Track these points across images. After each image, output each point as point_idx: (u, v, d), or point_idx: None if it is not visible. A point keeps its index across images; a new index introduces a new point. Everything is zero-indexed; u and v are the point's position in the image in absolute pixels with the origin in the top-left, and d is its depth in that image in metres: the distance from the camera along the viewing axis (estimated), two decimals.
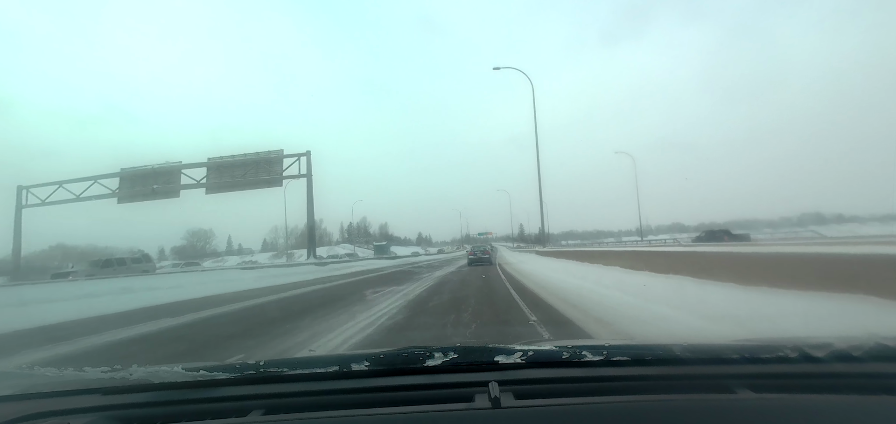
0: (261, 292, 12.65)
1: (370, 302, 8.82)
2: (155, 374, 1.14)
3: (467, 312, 6.83)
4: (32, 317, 8.29)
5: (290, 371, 1.20)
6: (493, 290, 9.96)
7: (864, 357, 1.05)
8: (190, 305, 9.81)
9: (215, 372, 1.17)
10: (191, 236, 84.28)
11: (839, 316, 3.79)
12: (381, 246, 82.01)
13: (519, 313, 6.61)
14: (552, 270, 13.61)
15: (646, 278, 7.96)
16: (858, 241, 13.66)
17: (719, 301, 5.18)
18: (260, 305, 9.53)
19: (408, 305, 8.06)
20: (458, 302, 8.00)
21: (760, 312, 4.54)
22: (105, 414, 1.07)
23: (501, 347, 1.18)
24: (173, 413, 1.06)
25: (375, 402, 1.03)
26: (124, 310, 9.20)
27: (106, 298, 11.84)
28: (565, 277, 10.91)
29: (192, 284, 15.97)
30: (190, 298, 11.38)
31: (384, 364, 1.19)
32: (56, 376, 1.24)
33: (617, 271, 9.81)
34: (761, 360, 1.09)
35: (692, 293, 5.87)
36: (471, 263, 23.63)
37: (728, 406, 0.93)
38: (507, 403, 0.94)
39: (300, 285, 14.92)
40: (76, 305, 10.20)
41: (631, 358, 1.16)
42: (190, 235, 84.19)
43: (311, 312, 7.66)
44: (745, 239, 22.49)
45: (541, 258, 21.11)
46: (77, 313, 8.84)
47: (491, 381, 1.00)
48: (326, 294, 11.25)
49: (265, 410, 1.03)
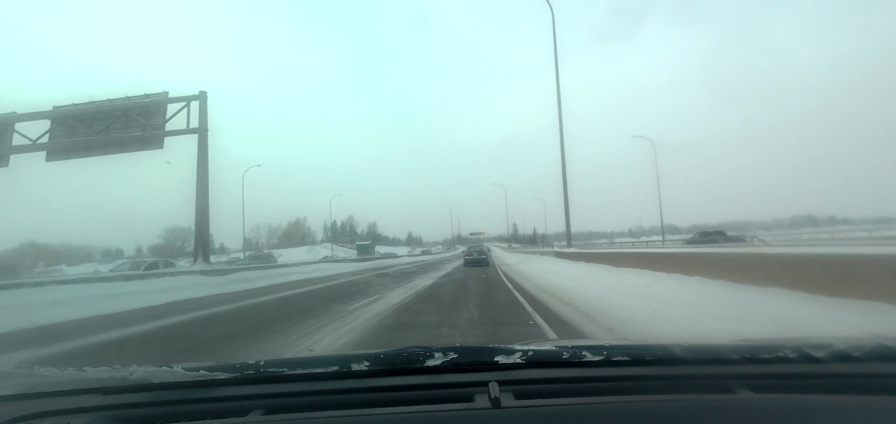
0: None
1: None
2: (155, 374, 1.13)
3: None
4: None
5: (290, 371, 1.20)
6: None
7: (865, 357, 1.05)
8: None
9: (215, 372, 1.17)
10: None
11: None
12: (364, 246, 75.36)
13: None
14: (617, 292, 7.57)
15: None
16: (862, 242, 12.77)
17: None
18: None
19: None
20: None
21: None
22: (105, 414, 1.06)
23: (501, 347, 1.18)
24: (173, 413, 1.06)
25: (375, 402, 1.03)
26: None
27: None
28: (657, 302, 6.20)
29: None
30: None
31: (384, 364, 1.19)
32: (56, 376, 1.23)
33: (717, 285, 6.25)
34: (761, 360, 1.09)
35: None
36: (467, 264, 23.35)
37: (728, 407, 0.94)
38: (507, 403, 0.94)
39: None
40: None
41: (631, 358, 1.16)
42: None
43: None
44: (740, 240, 22.43)
45: (568, 263, 15.01)
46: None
47: (491, 381, 1.00)
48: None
49: (265, 410, 1.03)
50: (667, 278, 7.78)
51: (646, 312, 5.83)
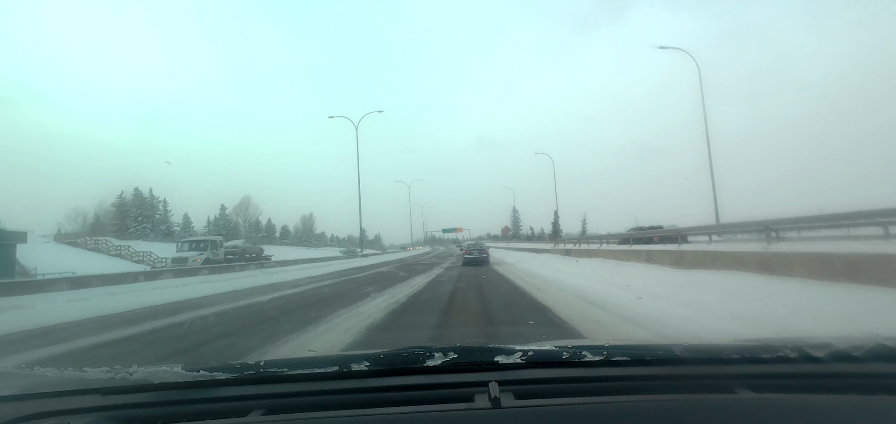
0: None
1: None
2: (155, 374, 1.14)
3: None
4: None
5: (290, 372, 1.20)
6: None
7: (865, 357, 1.05)
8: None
9: (215, 372, 1.17)
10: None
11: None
12: (352, 249, 52.02)
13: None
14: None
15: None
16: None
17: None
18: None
19: None
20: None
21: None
22: (105, 414, 1.07)
23: (501, 347, 1.18)
24: (173, 414, 1.06)
25: (375, 402, 1.03)
26: None
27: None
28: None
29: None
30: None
31: (384, 364, 1.19)
32: (56, 376, 1.24)
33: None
34: (761, 360, 1.09)
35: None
36: (466, 263, 20.28)
37: (728, 406, 0.94)
38: (508, 403, 0.94)
39: None
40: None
41: (631, 358, 1.17)
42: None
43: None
44: (673, 239, 20.41)
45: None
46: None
47: (491, 381, 1.00)
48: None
49: (265, 410, 1.03)
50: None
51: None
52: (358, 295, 9.64)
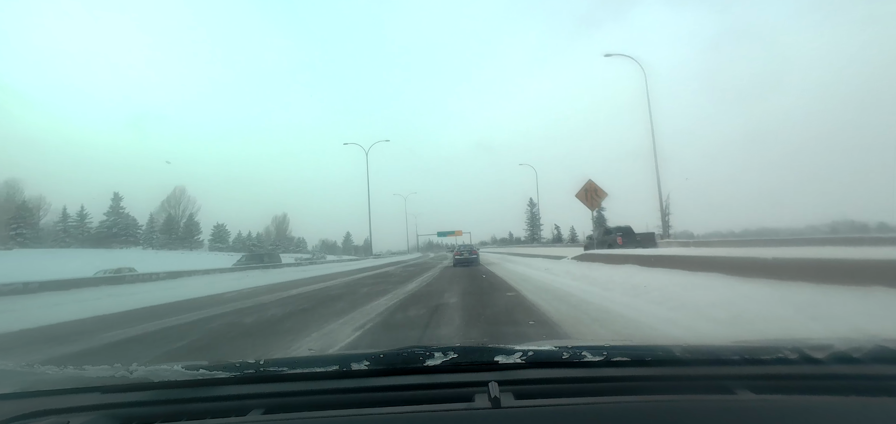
0: None
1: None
2: (155, 373, 1.14)
3: None
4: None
5: (290, 371, 1.20)
6: None
7: (864, 358, 1.05)
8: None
9: (215, 371, 1.17)
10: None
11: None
12: (259, 255, 38.25)
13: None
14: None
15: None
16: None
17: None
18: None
19: None
20: None
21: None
22: (105, 413, 1.06)
23: (501, 347, 1.18)
24: (173, 412, 1.06)
25: (375, 402, 1.03)
26: None
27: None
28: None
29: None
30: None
31: (384, 363, 1.19)
32: (56, 374, 1.23)
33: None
34: (761, 361, 1.09)
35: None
36: (457, 264, 21.56)
37: (728, 407, 0.94)
38: (507, 403, 0.94)
39: None
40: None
41: (631, 359, 1.17)
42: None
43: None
44: (649, 242, 20.18)
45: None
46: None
47: (491, 381, 1.00)
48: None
49: (265, 409, 1.03)
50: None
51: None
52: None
